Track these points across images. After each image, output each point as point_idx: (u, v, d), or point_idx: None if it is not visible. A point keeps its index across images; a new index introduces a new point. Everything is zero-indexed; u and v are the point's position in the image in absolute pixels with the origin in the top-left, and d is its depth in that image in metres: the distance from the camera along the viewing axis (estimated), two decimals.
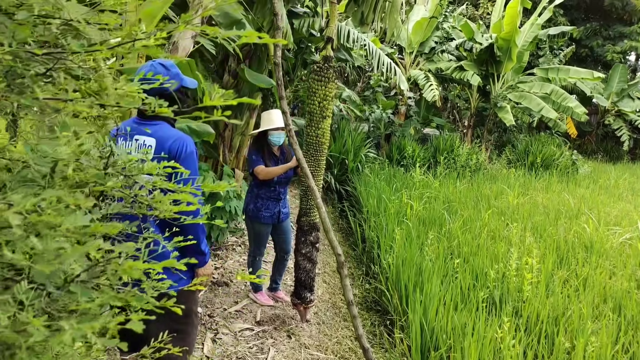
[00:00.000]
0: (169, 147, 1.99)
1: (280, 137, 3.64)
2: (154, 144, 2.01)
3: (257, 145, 3.69)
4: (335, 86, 3.32)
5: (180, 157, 2.01)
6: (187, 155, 2.03)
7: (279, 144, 3.70)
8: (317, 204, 3.09)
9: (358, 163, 9.16)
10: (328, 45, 3.28)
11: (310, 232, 3.47)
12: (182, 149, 2.02)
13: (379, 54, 7.32)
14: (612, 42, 19.19)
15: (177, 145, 2.02)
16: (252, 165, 3.61)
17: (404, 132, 11.32)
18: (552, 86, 11.53)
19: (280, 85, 3.08)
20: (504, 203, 7.37)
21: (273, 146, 3.69)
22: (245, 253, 5.04)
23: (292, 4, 6.13)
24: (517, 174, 10.10)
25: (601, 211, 7.26)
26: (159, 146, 2.00)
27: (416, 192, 7.33)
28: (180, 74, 2.16)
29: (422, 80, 11.29)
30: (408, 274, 4.06)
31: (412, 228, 5.32)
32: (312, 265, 3.55)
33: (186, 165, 2.01)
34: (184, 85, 2.16)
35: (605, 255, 5.08)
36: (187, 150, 2.03)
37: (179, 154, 2.01)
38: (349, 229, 7.19)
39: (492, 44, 11.05)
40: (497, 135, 13.65)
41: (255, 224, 3.71)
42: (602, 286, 4.26)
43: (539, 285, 4.10)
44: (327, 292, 4.68)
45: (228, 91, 0.80)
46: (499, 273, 4.22)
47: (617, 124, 15.95)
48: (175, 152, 2.01)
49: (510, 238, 5.31)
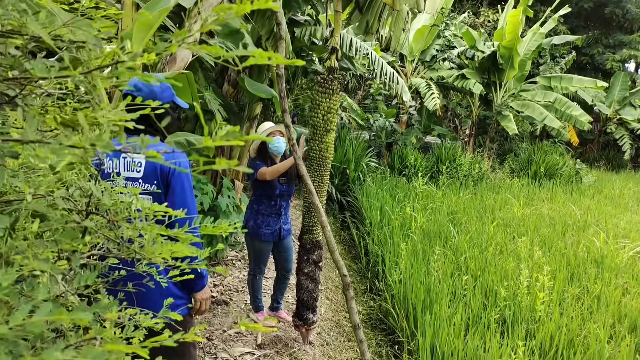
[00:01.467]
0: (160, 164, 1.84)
1: (280, 144, 3.46)
2: (144, 160, 1.86)
3: (259, 157, 3.55)
4: (339, 98, 3.18)
5: (172, 174, 1.86)
6: (181, 173, 1.88)
7: (281, 152, 3.50)
8: (321, 221, 2.93)
9: (359, 173, 9.01)
10: (332, 55, 3.14)
11: (313, 251, 3.31)
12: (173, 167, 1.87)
13: (381, 63, 7.19)
14: (612, 50, 19.16)
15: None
16: (255, 171, 3.38)
17: (405, 141, 11.18)
18: (556, 94, 11.43)
19: (283, 98, 2.94)
20: (508, 214, 7.22)
21: (275, 156, 3.55)
22: (245, 268, 4.87)
23: (293, 12, 6.01)
24: (520, 184, 9.95)
25: (609, 223, 7.11)
26: (148, 163, 1.85)
27: (419, 203, 7.18)
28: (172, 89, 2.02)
29: (423, 88, 11.18)
30: (415, 292, 3.90)
31: (417, 242, 5.16)
32: (315, 285, 3.39)
33: (179, 182, 1.87)
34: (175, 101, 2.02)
35: (617, 271, 4.93)
36: (180, 166, 1.88)
37: (171, 170, 1.86)
38: (350, 240, 7.03)
39: (494, 52, 10.95)
40: (499, 143, 13.53)
41: (256, 241, 3.54)
42: (616, 304, 4.10)
43: (552, 304, 3.94)
44: (330, 310, 4.51)
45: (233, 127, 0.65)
46: (509, 291, 4.06)
47: (619, 132, 15.85)
48: (167, 169, 1.86)
49: (519, 252, 5.15)
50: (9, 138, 0.54)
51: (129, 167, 1.88)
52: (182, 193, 1.88)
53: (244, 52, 0.68)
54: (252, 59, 0.66)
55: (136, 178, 1.87)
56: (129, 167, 1.88)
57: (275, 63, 0.68)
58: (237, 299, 4.12)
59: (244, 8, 0.64)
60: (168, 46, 0.64)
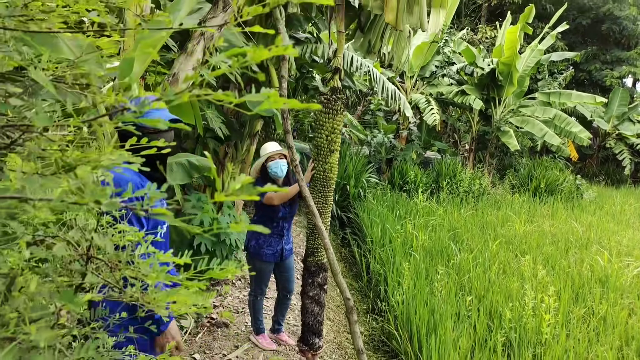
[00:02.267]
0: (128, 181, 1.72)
1: (279, 166, 3.38)
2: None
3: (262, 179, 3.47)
4: (343, 118, 3.15)
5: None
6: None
7: (281, 175, 3.42)
8: (324, 244, 2.88)
9: (360, 188, 8.97)
10: (336, 76, 3.12)
11: (317, 274, 3.25)
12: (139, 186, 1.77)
13: (382, 80, 7.20)
14: (609, 66, 19.29)
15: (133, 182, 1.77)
16: (261, 195, 3.33)
17: (405, 156, 11.17)
18: (555, 110, 11.46)
19: (286, 119, 2.91)
20: (510, 231, 7.17)
21: (276, 179, 3.48)
22: (245, 288, 4.80)
23: (294, 30, 6.03)
24: (521, 200, 9.91)
25: (611, 240, 7.06)
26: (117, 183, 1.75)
27: (420, 219, 7.13)
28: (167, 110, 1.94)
29: (423, 104, 11.21)
30: (419, 314, 3.83)
31: (419, 261, 5.10)
32: (320, 308, 3.32)
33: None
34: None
35: (622, 291, 4.86)
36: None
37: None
38: (351, 258, 6.96)
39: (493, 69, 11.01)
40: (499, 159, 13.52)
41: (257, 261, 3.48)
42: (623, 326, 4.04)
43: (557, 325, 3.88)
44: (332, 331, 4.43)
45: (248, 179, 0.61)
46: (514, 312, 3.99)
47: (618, 148, 15.87)
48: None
49: (522, 272, 5.09)
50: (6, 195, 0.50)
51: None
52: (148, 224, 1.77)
53: (258, 97, 0.64)
54: (265, 104, 0.62)
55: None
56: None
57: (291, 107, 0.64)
58: (238, 320, 4.04)
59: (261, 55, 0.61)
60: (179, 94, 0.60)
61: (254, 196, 0.61)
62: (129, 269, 0.75)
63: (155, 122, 0.73)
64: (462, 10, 21.59)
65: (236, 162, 6.13)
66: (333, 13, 3.23)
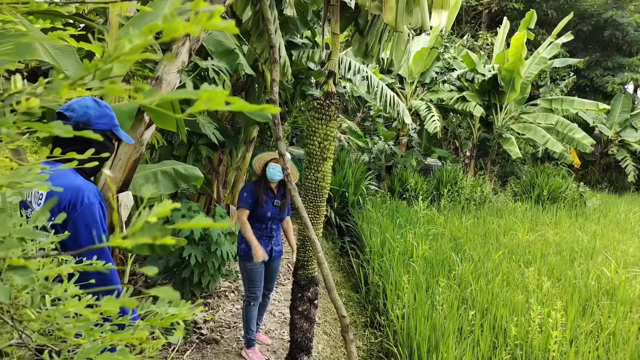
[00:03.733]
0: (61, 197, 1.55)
1: (277, 171, 3.37)
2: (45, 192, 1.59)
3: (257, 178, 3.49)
4: (337, 125, 2.98)
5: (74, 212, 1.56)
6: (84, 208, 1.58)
7: (275, 180, 3.42)
8: (317, 258, 2.71)
9: (359, 196, 8.78)
10: (330, 79, 2.96)
11: (307, 288, 3.07)
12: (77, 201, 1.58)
13: (381, 86, 7.05)
14: (611, 72, 19.16)
15: (70, 196, 1.57)
16: (239, 202, 3.42)
17: (405, 163, 10.99)
18: (557, 117, 11.30)
19: (278, 125, 2.75)
20: (513, 240, 6.98)
21: (271, 182, 3.41)
22: (239, 300, 4.61)
23: (291, 35, 5.88)
24: (523, 208, 9.72)
25: (617, 249, 6.87)
26: (48, 195, 1.59)
27: (421, 228, 6.94)
28: (115, 119, 1.78)
29: (423, 110, 11.06)
30: (420, 330, 3.64)
31: (420, 273, 4.91)
32: (310, 324, 3.14)
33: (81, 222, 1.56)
34: (115, 132, 1.77)
35: (631, 304, 4.67)
36: (85, 203, 1.58)
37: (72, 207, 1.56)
38: (350, 267, 6.77)
39: (495, 75, 10.87)
40: (501, 166, 13.35)
41: (247, 264, 3.43)
42: (633, 342, 3.84)
43: (565, 342, 3.68)
44: (329, 346, 4.24)
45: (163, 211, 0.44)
46: (520, 327, 3.80)
47: (621, 154, 15.69)
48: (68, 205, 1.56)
49: (527, 284, 4.90)
50: None
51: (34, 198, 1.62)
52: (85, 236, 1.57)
53: (188, 95, 0.47)
54: (199, 104, 0.46)
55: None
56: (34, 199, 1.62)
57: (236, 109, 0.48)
58: (229, 336, 3.85)
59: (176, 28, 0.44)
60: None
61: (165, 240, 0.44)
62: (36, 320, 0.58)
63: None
64: (463, 17, 21.54)
65: (231, 169, 5.97)
66: (327, 14, 3.08)
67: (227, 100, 0.46)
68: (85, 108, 1.67)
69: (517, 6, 19.09)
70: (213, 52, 3.99)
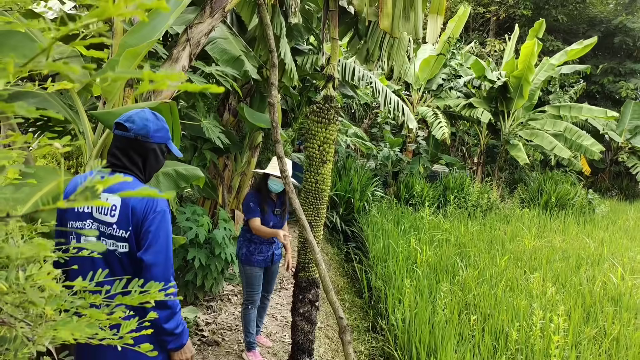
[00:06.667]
0: (134, 205, 1.66)
1: (278, 185, 3.41)
2: (119, 203, 1.67)
3: (258, 186, 3.53)
4: (336, 128, 3.02)
5: (147, 218, 1.67)
6: (157, 215, 1.68)
7: (276, 191, 3.48)
8: (315, 259, 2.74)
9: (365, 202, 8.80)
10: (329, 84, 3.01)
11: (309, 290, 3.10)
12: (150, 208, 1.68)
13: (385, 91, 7.09)
14: (623, 78, 19.02)
15: (145, 203, 1.67)
16: (247, 212, 3.42)
17: (412, 170, 10.99)
18: (566, 124, 11.24)
19: (276, 128, 2.80)
20: (519, 247, 6.94)
21: (271, 192, 3.47)
22: (240, 305, 4.64)
23: (296, 42, 5.95)
24: (531, 214, 9.65)
25: (624, 256, 6.79)
26: (123, 205, 1.67)
27: (426, 234, 6.94)
28: (169, 133, 1.87)
29: (430, 117, 11.08)
30: (419, 335, 3.64)
31: (422, 278, 4.91)
32: (311, 326, 3.17)
33: (154, 228, 1.66)
34: (168, 145, 1.86)
35: (636, 310, 4.62)
36: (156, 210, 1.69)
37: (147, 214, 1.67)
38: (354, 273, 6.78)
39: (505, 82, 10.86)
40: (508, 172, 13.28)
41: (248, 268, 3.49)
42: (637, 348, 3.80)
43: (567, 347, 3.66)
44: (330, 350, 4.25)
45: None
46: (521, 332, 3.79)
47: (632, 161, 15.54)
48: (142, 212, 1.67)
49: (531, 289, 4.87)
50: None
51: (102, 209, 1.69)
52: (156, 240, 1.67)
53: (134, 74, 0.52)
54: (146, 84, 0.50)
55: (110, 223, 1.67)
56: (102, 210, 1.69)
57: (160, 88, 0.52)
58: (230, 338, 3.89)
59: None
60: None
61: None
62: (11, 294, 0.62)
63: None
64: (471, 24, 21.56)
65: (235, 174, 6.03)
66: (327, 20, 3.13)
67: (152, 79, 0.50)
68: (145, 121, 1.74)
69: (526, 13, 19.06)
70: (218, 60, 4.07)
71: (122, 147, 1.72)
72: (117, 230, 1.65)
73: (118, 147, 1.73)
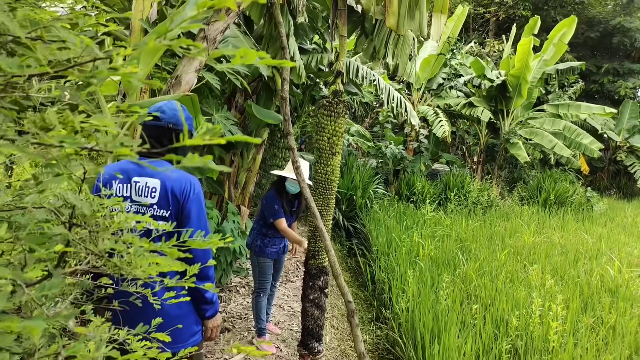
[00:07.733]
0: (173, 187, 1.80)
1: (295, 187, 3.55)
2: (158, 185, 1.81)
3: (277, 188, 3.65)
4: (345, 121, 3.16)
5: (187, 199, 1.82)
6: (195, 196, 1.84)
7: (293, 193, 3.63)
8: (325, 246, 2.88)
9: (367, 199, 8.94)
10: (338, 79, 3.15)
11: (318, 277, 3.24)
12: (189, 190, 1.83)
13: (388, 88, 7.23)
14: (621, 78, 19.19)
15: (183, 186, 1.82)
16: (274, 214, 3.53)
17: (413, 168, 11.14)
18: (565, 122, 11.39)
19: (288, 121, 2.93)
20: (519, 242, 7.08)
21: (288, 193, 3.64)
22: (249, 295, 4.78)
23: (301, 41, 6.09)
24: (530, 212, 9.80)
25: (622, 251, 6.94)
26: (162, 188, 1.81)
27: (427, 230, 7.08)
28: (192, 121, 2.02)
29: (431, 116, 11.23)
30: (423, 322, 3.78)
31: (425, 270, 5.05)
32: (321, 312, 3.30)
33: (194, 207, 1.83)
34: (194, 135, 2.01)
35: (632, 300, 4.76)
36: (195, 191, 1.85)
37: (186, 195, 1.82)
38: (357, 268, 6.91)
39: (504, 81, 11.01)
40: (508, 171, 13.43)
41: (261, 259, 3.65)
42: (632, 335, 3.94)
43: (565, 334, 3.80)
44: (336, 339, 4.39)
45: (215, 126, 0.62)
46: (521, 320, 3.93)
47: (630, 160, 15.70)
48: (182, 194, 1.82)
49: (530, 281, 5.02)
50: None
51: (142, 192, 1.82)
52: (198, 218, 1.84)
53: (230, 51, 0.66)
54: (238, 58, 0.64)
55: (150, 204, 1.82)
56: (142, 192, 1.82)
57: (263, 63, 0.66)
58: (240, 326, 4.03)
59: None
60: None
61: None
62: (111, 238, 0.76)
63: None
64: (470, 24, 21.72)
65: (242, 170, 6.17)
66: (335, 18, 3.27)
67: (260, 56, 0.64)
68: (174, 110, 1.90)
69: (525, 13, 19.23)
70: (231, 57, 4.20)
71: (154, 136, 1.86)
72: (158, 210, 1.79)
73: (150, 136, 1.87)
